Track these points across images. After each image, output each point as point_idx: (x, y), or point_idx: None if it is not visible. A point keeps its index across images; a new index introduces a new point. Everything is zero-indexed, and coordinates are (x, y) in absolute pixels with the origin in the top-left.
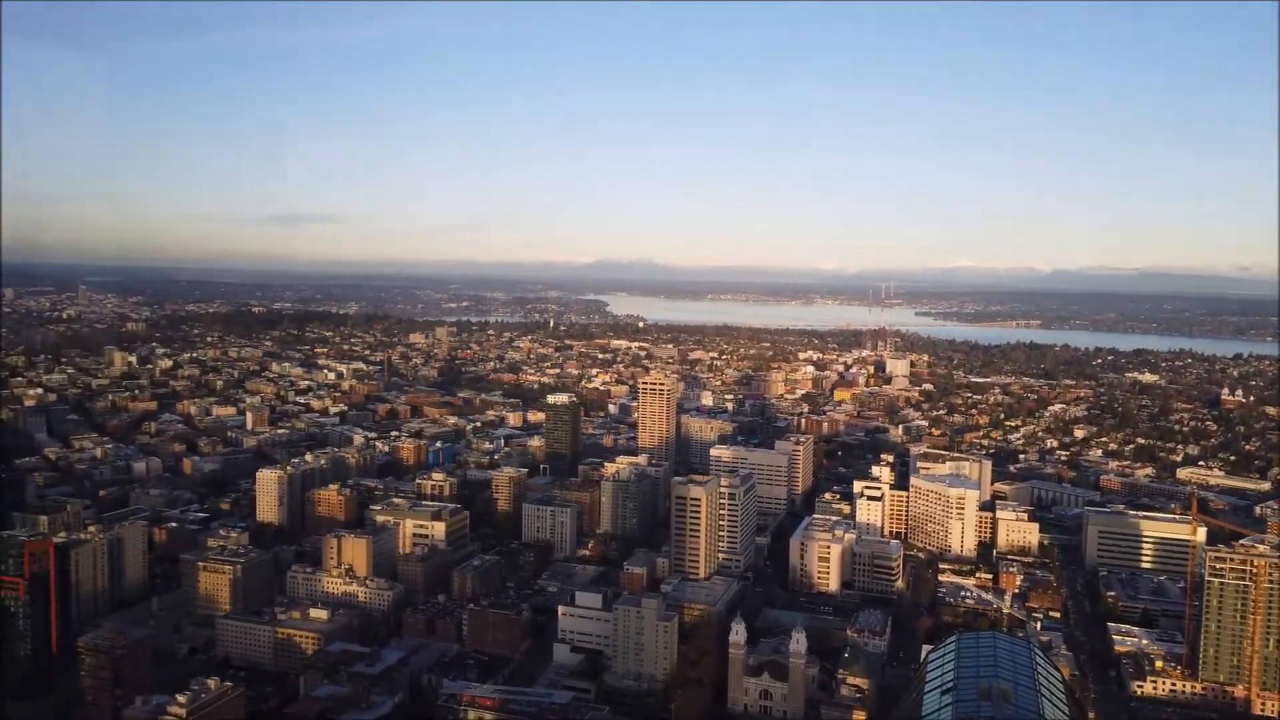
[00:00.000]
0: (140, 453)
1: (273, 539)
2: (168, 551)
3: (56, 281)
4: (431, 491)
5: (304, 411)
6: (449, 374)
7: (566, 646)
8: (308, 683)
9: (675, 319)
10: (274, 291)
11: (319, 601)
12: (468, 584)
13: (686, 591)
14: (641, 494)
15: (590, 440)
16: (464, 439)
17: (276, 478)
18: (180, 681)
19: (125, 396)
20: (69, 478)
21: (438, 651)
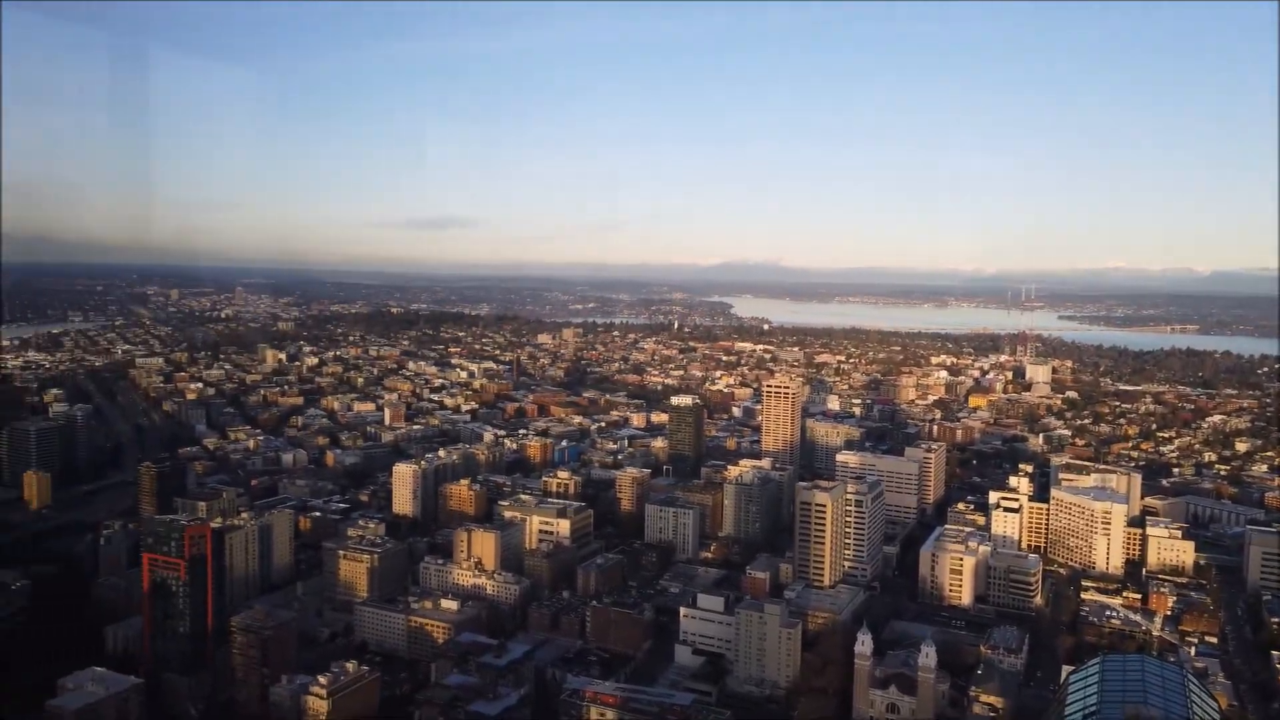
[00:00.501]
0: (288, 445)
1: (407, 530)
2: (311, 539)
3: (216, 283)
4: (557, 489)
5: (438, 409)
6: (575, 374)
7: (688, 648)
8: (438, 671)
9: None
10: (411, 293)
11: (449, 592)
12: (591, 581)
13: (811, 599)
14: (765, 498)
15: (713, 442)
16: (589, 438)
17: (411, 472)
18: (321, 663)
19: (275, 392)
20: (225, 467)
21: (561, 647)
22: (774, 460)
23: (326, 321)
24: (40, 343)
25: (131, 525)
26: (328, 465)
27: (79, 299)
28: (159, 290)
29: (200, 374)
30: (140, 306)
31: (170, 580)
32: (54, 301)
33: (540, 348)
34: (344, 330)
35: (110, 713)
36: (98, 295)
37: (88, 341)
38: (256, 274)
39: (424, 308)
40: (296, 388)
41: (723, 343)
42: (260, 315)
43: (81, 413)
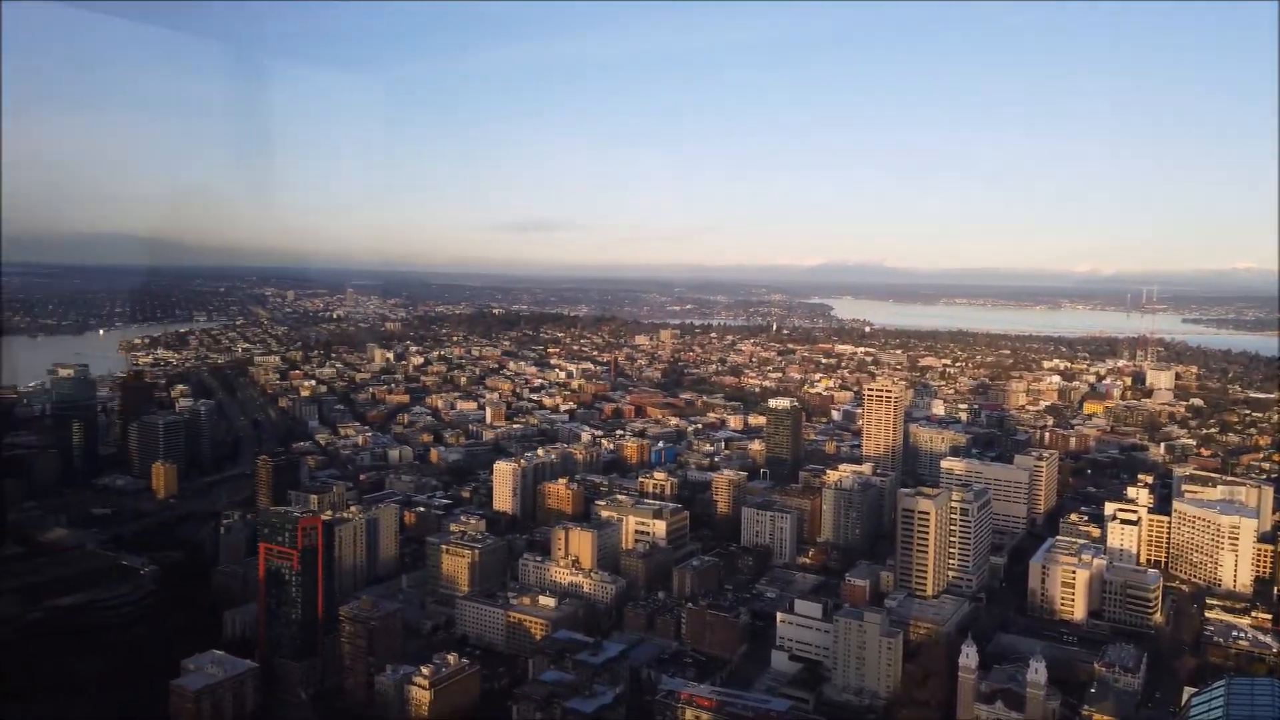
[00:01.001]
0: (395, 441)
1: (506, 527)
2: (416, 533)
3: (329, 285)
4: (653, 490)
5: (537, 408)
6: (672, 375)
7: (785, 654)
8: (536, 666)
9: (905, 323)
10: (513, 294)
11: (547, 589)
12: (687, 583)
13: (912, 608)
14: (865, 504)
15: (812, 446)
16: (685, 440)
17: (511, 470)
18: (424, 654)
19: (383, 390)
20: (335, 462)
21: (656, 647)
22: (875, 465)
23: (431, 322)
24: (168, 341)
25: (249, 516)
26: (431, 462)
27: (204, 300)
28: (276, 291)
29: (313, 372)
30: (259, 307)
31: (284, 569)
32: (181, 302)
33: (637, 349)
34: (448, 331)
35: (228, 694)
36: (220, 296)
37: (211, 340)
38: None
39: (524, 309)
40: (403, 386)
41: (822, 345)
42: (369, 316)
43: (205, 407)
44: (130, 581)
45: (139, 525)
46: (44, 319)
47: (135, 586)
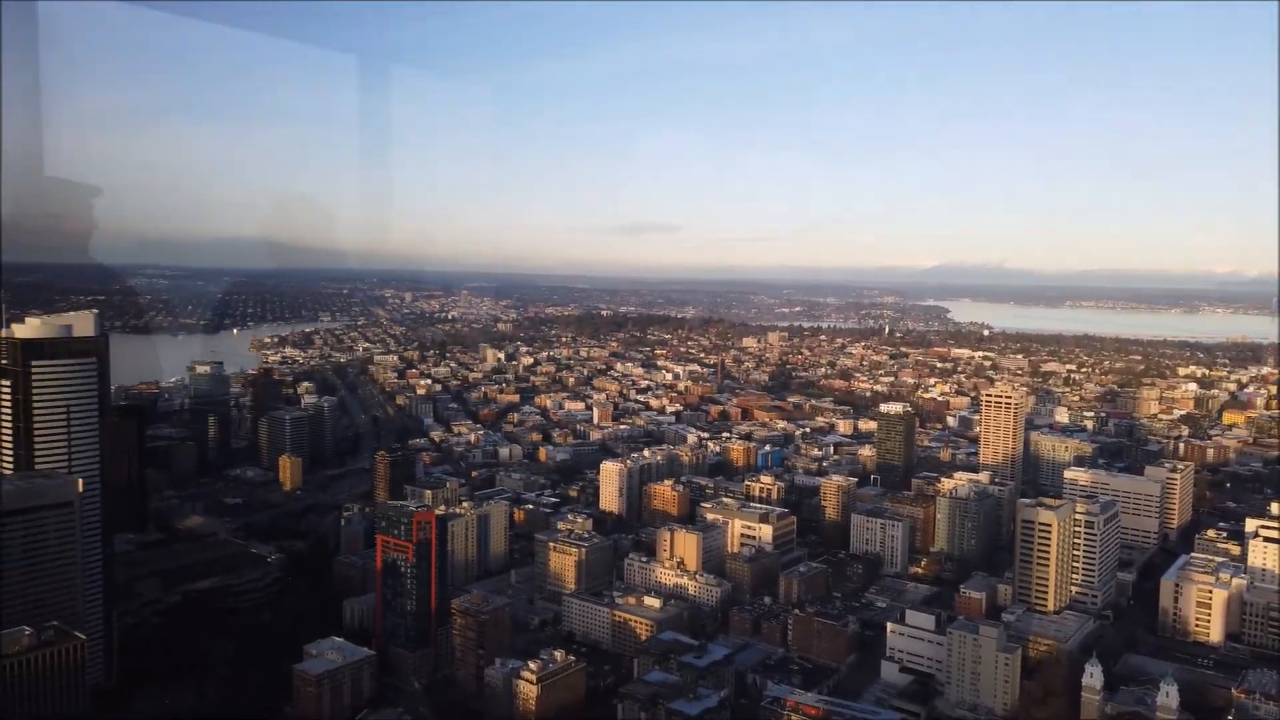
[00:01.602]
0: (505, 439)
1: (613, 527)
2: (524, 530)
3: (444, 287)
4: (759, 494)
5: (643, 409)
6: (779, 378)
7: (895, 666)
8: (640, 666)
9: (1027, 327)
10: (620, 296)
11: (652, 590)
12: (794, 589)
13: (1032, 624)
14: (982, 513)
15: (925, 453)
16: (793, 444)
17: (618, 470)
18: (532, 649)
19: (495, 389)
20: (448, 458)
21: (762, 653)
22: (992, 474)
23: (541, 323)
24: (295, 340)
25: (367, 509)
26: (540, 460)
27: (328, 301)
28: (395, 293)
29: (429, 371)
30: (379, 308)
31: (400, 561)
32: (307, 303)
33: (745, 351)
34: (557, 332)
35: (347, 680)
36: (343, 298)
37: (334, 339)
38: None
39: (632, 310)
40: (513, 385)
41: (937, 349)
42: (482, 317)
43: (328, 404)
44: (259, 569)
45: (267, 515)
46: (184, 319)
47: (263, 574)
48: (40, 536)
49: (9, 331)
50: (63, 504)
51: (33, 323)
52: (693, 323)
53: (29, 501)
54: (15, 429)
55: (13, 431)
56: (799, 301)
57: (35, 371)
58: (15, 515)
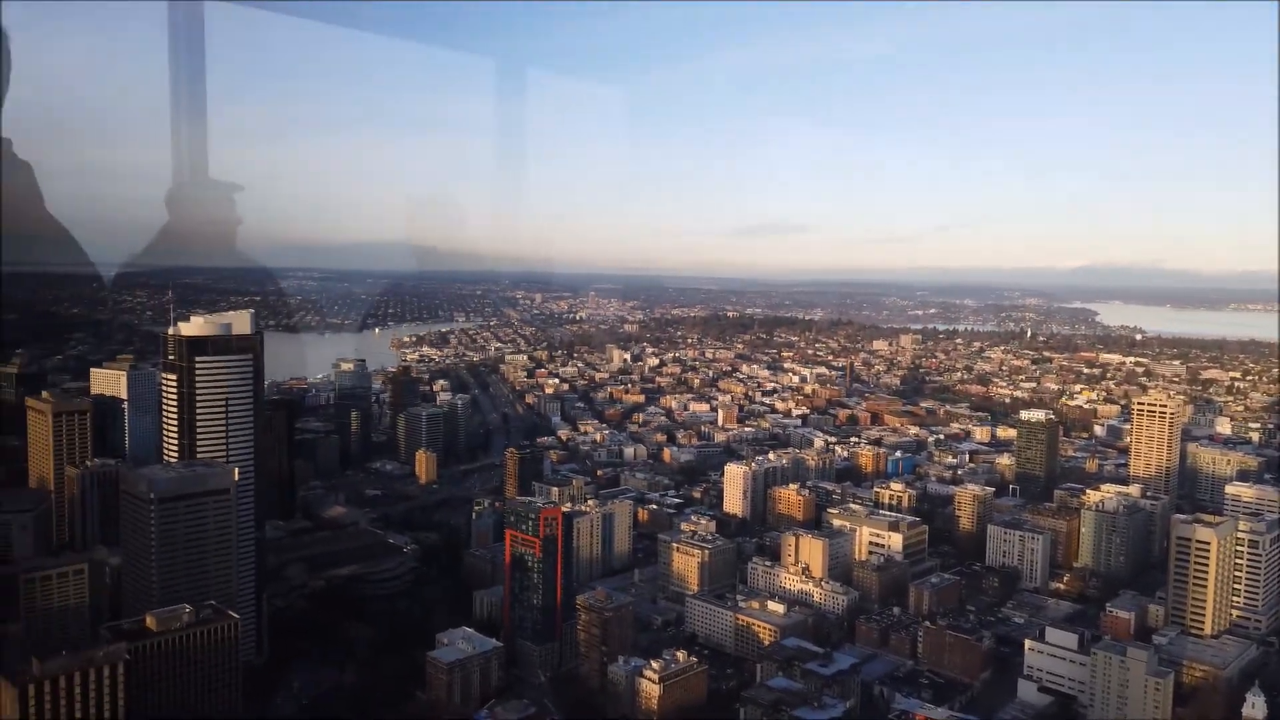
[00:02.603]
0: (630, 439)
1: (736, 529)
2: (648, 530)
3: (572, 288)
4: (889, 501)
5: (769, 412)
6: (911, 383)
7: (1033, 685)
8: (764, 672)
9: (1184, 331)
10: (746, 298)
11: (776, 595)
12: (925, 600)
13: (1186, 647)
14: (1131, 529)
15: (1069, 464)
16: (925, 450)
17: (742, 473)
18: (654, 648)
19: (620, 389)
20: (575, 457)
21: (890, 664)
22: (1144, 488)
23: (667, 324)
24: (432, 340)
25: (497, 504)
26: (664, 461)
27: (463, 302)
28: (525, 294)
29: (557, 370)
30: (510, 309)
31: (527, 556)
32: (444, 304)
33: (875, 354)
34: (683, 333)
35: (476, 669)
36: (477, 299)
37: (468, 339)
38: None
39: (758, 312)
40: (639, 386)
41: (1084, 354)
42: (609, 317)
43: (461, 401)
44: (395, 558)
45: (403, 507)
46: (331, 318)
47: (399, 563)
48: (201, 521)
49: (176, 330)
50: (221, 491)
51: (196, 321)
52: (820, 325)
53: (192, 488)
54: (180, 420)
55: (177, 422)
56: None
57: (199, 367)
58: (180, 500)
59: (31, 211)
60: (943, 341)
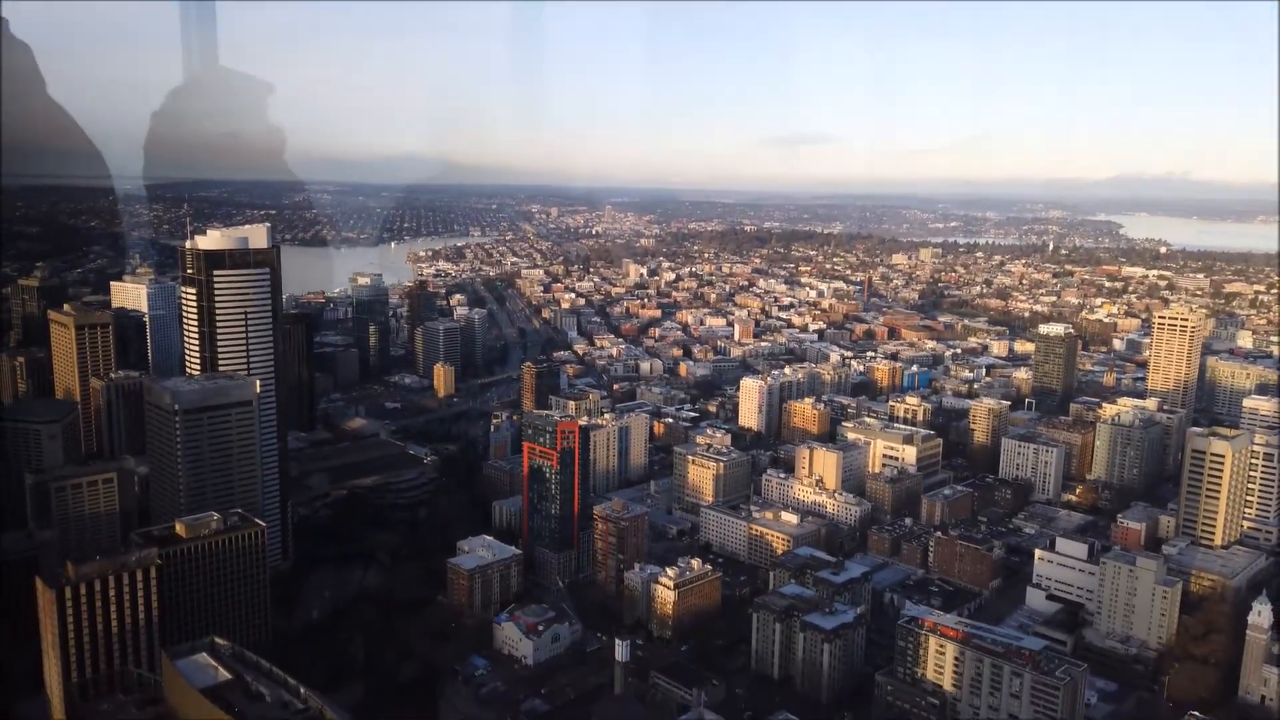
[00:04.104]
0: (646, 354)
1: (751, 443)
2: (663, 443)
3: (588, 202)
4: (904, 415)
5: (785, 327)
6: (930, 297)
7: (1041, 593)
8: (776, 579)
9: (1210, 244)
10: (765, 211)
11: (789, 506)
12: (937, 511)
13: (1196, 558)
14: (1146, 442)
15: (1086, 378)
16: (941, 365)
17: (758, 387)
18: (669, 557)
19: (636, 304)
20: (591, 371)
21: (900, 573)
22: (1161, 401)
23: (684, 239)
24: (447, 254)
25: (515, 417)
26: (680, 375)
27: (478, 216)
28: (541, 208)
29: (573, 285)
30: (525, 222)
31: (545, 468)
32: (459, 218)
33: (894, 268)
34: (699, 247)
35: (496, 575)
36: (492, 213)
37: (484, 254)
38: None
39: (776, 226)
40: (655, 301)
41: (1106, 267)
42: (625, 232)
43: (478, 316)
44: (415, 469)
45: (422, 419)
46: (346, 232)
47: (419, 474)
48: (224, 432)
49: (193, 243)
50: (244, 403)
51: (213, 235)
52: (839, 239)
53: (215, 400)
54: (200, 334)
55: (198, 336)
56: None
57: (217, 280)
58: (203, 412)
59: (33, 94)
60: (963, 255)
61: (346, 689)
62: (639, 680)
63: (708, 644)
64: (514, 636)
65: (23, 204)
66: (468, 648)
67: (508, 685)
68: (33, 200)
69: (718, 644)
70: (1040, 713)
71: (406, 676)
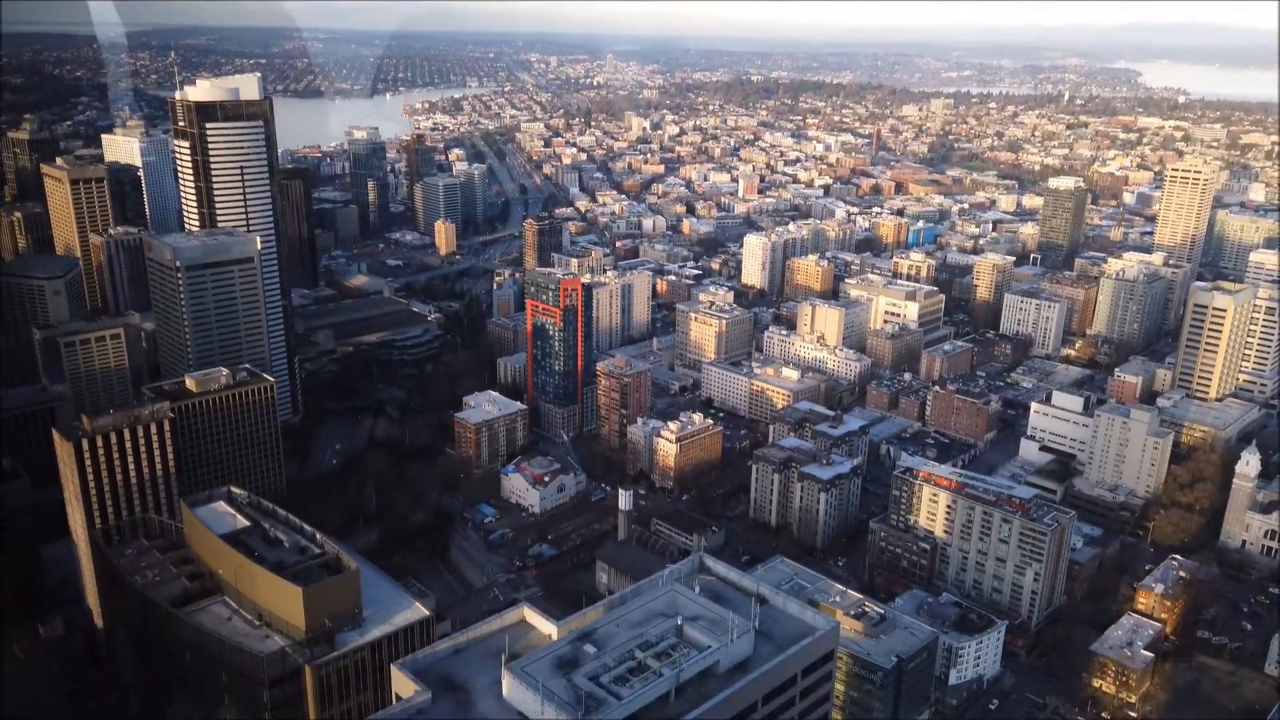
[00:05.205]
0: (649, 211)
1: (753, 300)
2: (666, 300)
3: (589, 50)
4: (908, 271)
5: (790, 182)
6: (939, 150)
7: (1035, 444)
8: (775, 432)
9: (1231, 94)
10: (773, 60)
11: (790, 362)
12: (936, 366)
13: (1189, 410)
14: (1150, 297)
15: (1094, 232)
16: (948, 220)
17: (761, 244)
18: (671, 412)
19: (639, 159)
20: (593, 228)
21: (898, 426)
22: (1167, 256)
23: (688, 90)
24: (444, 106)
25: (517, 274)
26: (683, 232)
27: (474, 65)
28: (540, 57)
29: (574, 140)
30: (524, 72)
31: (548, 325)
32: (455, 67)
33: (904, 120)
34: (704, 99)
35: (502, 429)
36: (489, 62)
37: (482, 106)
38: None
39: (784, 76)
40: (658, 156)
41: (1122, 118)
42: (627, 83)
43: (478, 171)
44: (420, 326)
45: (425, 277)
46: (340, 83)
47: (424, 331)
48: (228, 289)
49: (183, 95)
50: (245, 260)
51: (203, 85)
52: (849, 89)
53: (217, 256)
54: (197, 189)
55: (194, 191)
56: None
57: (210, 134)
58: (206, 269)
59: None
60: (975, 106)
61: (360, 535)
62: (641, 527)
63: (708, 494)
64: (521, 487)
65: (4, 54)
66: (476, 497)
67: (515, 532)
68: (13, 49)
69: (718, 494)
70: (1027, 557)
71: (418, 523)
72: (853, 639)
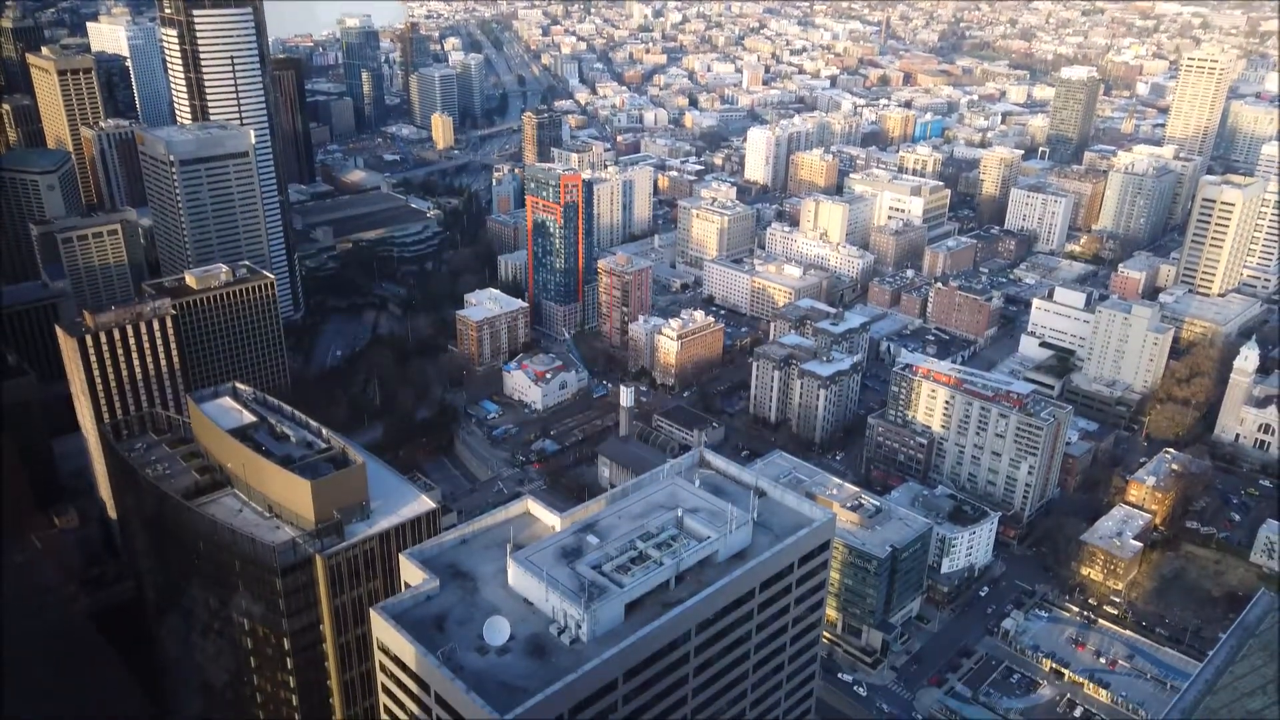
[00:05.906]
0: (650, 103)
1: (756, 196)
2: (668, 196)
3: None
4: (914, 166)
5: (796, 73)
6: (951, 38)
7: (1035, 340)
8: (776, 330)
9: None
10: None
11: (793, 259)
12: (939, 263)
13: (1190, 306)
14: (1158, 191)
15: (1105, 124)
16: (956, 112)
17: (765, 138)
18: (672, 309)
19: (640, 49)
20: (594, 122)
21: (899, 323)
22: (1179, 149)
23: None
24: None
25: (517, 170)
26: (686, 126)
27: None
28: None
29: (573, 28)
30: None
31: (549, 222)
32: None
33: (914, 6)
34: None
35: (503, 326)
36: None
37: None
38: None
39: None
40: (660, 45)
41: (1140, 3)
42: None
43: (475, 62)
44: (420, 222)
45: (423, 172)
46: None
47: (424, 227)
48: (224, 184)
49: None
50: (240, 154)
51: None
52: None
53: (211, 151)
54: (187, 80)
55: (185, 83)
56: None
57: (197, 21)
58: (200, 163)
59: None
60: None
61: (366, 431)
62: (643, 423)
63: (708, 391)
64: (523, 383)
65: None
66: (479, 393)
67: (519, 427)
68: None
69: (718, 391)
70: (1023, 451)
71: (422, 419)
72: (849, 530)
